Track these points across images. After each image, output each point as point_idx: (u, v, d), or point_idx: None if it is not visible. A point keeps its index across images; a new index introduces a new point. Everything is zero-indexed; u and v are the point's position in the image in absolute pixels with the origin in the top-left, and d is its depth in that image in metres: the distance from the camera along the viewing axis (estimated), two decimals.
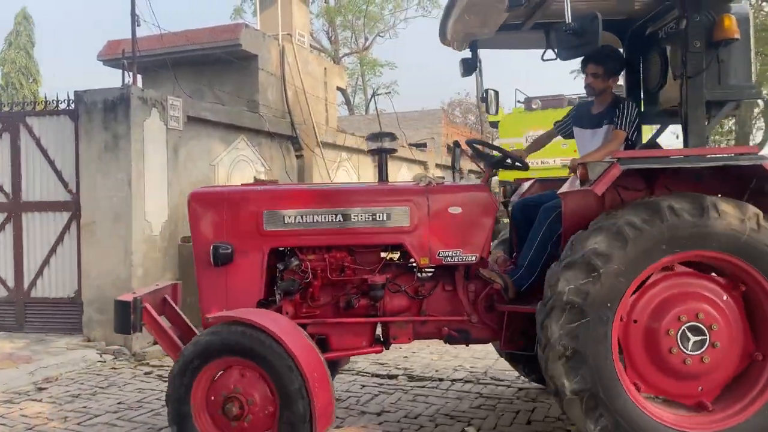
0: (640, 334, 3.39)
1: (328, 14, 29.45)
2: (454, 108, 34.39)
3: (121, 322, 3.72)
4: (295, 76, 10.17)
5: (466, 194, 4.01)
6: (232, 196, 3.98)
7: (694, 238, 3.27)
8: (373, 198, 3.94)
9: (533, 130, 13.82)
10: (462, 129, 23.88)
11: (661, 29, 4.29)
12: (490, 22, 4.24)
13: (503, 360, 6.02)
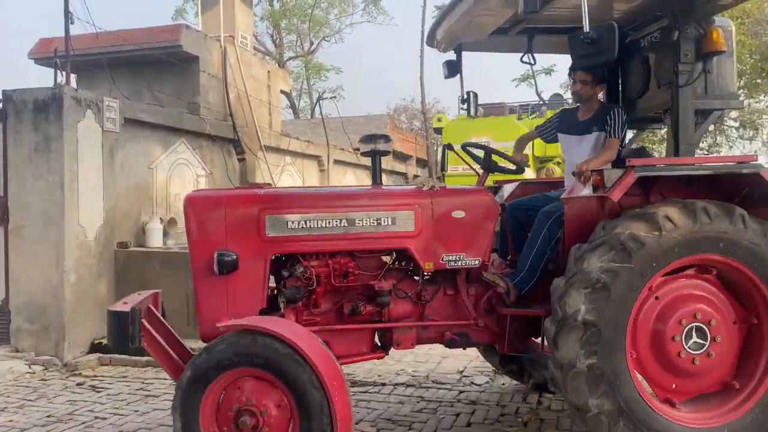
0: (648, 338, 3.49)
1: (272, 17, 29.18)
2: (400, 113, 34.63)
3: (118, 334, 3.49)
4: (238, 78, 10.02)
5: (469, 198, 3.97)
6: (232, 199, 3.74)
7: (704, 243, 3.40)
8: (378, 202, 3.87)
9: (476, 136, 14.06)
10: (407, 135, 24.07)
11: (644, 38, 4.43)
12: (486, 26, 4.39)
13: (445, 363, 6.12)
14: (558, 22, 4.45)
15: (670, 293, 3.54)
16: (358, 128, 20.01)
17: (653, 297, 3.52)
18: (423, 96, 21.43)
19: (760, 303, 3.55)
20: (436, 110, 31.41)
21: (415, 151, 23.00)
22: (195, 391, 3.11)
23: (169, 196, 8.30)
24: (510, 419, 4.53)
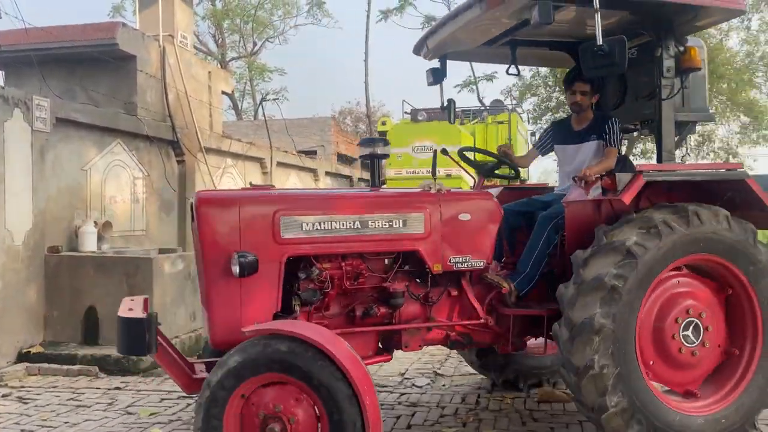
0: (650, 335, 3.71)
1: (214, 17, 28.68)
2: (345, 116, 34.63)
3: (132, 342, 3.33)
4: (177, 78, 9.79)
5: (474, 201, 4.07)
6: (246, 200, 3.61)
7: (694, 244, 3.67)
8: (390, 204, 3.88)
9: (419, 140, 14.25)
10: (352, 138, 24.07)
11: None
12: (480, 37, 4.51)
13: (387, 366, 6.13)
14: (541, 36, 4.67)
15: (662, 293, 3.78)
16: (302, 130, 19.91)
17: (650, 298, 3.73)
18: (368, 99, 21.58)
19: (741, 293, 3.86)
20: (381, 113, 31.61)
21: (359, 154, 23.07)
22: (220, 397, 3.00)
23: (104, 199, 8.03)
24: (449, 420, 4.59)
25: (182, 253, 7.86)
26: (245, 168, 12.51)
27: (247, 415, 3.05)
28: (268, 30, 30.69)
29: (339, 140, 21.01)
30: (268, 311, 3.53)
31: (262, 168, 13.41)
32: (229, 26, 29.78)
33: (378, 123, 17.23)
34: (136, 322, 3.31)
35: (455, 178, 14.06)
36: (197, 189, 10.19)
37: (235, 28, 29.81)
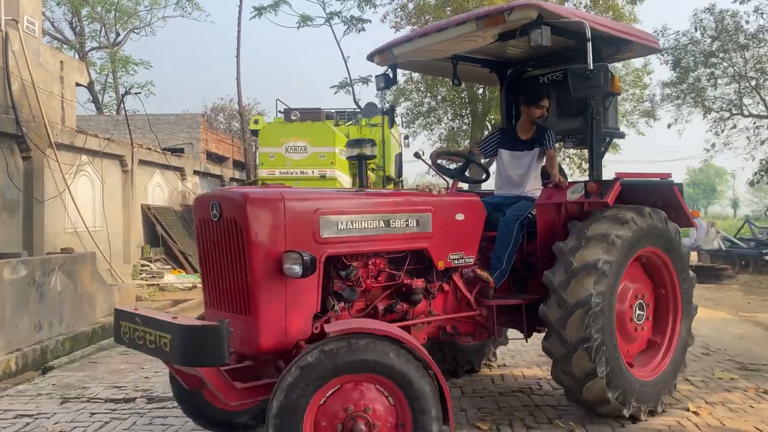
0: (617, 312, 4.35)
1: (72, 3, 26.60)
2: (218, 113, 33.50)
3: (206, 351, 3.02)
4: (23, 67, 8.96)
5: (466, 202, 4.40)
6: (291, 198, 3.51)
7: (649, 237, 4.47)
8: (406, 204, 4.06)
9: (293, 140, 14.07)
10: (224, 136, 23.30)
11: (542, 76, 5.42)
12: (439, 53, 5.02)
13: None
14: (480, 53, 5.31)
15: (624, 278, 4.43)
16: (169, 127, 19.00)
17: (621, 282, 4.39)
18: (240, 96, 20.93)
19: (667, 279, 4.76)
20: (256, 111, 30.90)
21: (231, 152, 22.37)
22: (299, 397, 2.94)
23: None
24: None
25: (26, 258, 7.19)
26: (103, 166, 11.72)
27: (326, 414, 3.04)
28: (133, 20, 28.96)
29: (209, 138, 20.26)
30: (310, 312, 3.52)
31: (122, 166, 12.63)
32: (89, 14, 27.74)
33: (250, 121, 16.80)
34: (212, 329, 3.04)
35: (330, 179, 14.09)
36: (46, 188, 9.39)
37: (96, 16, 27.83)
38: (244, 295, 3.40)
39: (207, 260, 3.65)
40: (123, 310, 3.53)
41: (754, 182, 17.15)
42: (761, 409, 4.69)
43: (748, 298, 11.72)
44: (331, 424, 3.03)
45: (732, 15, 20.38)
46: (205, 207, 3.58)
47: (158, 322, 3.20)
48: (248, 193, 3.43)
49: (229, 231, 3.44)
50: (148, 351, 3.28)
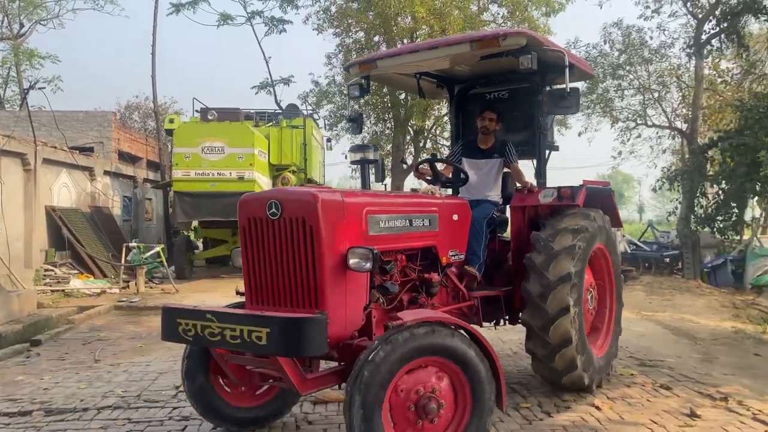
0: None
1: None
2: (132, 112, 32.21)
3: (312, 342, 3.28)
4: None
5: (459, 204, 4.89)
6: (350, 199, 3.83)
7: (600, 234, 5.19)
8: (422, 205, 4.50)
9: (209, 141, 13.70)
10: (137, 135, 22.41)
11: (489, 93, 6.06)
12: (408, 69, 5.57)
13: (161, 380, 5.79)
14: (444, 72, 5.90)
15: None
16: (77, 125, 18.11)
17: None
18: (155, 94, 20.10)
19: (606, 273, 5.54)
20: (173, 110, 29.91)
21: (146, 152, 21.54)
22: (383, 378, 3.21)
23: None
24: (222, 430, 4.42)
25: None
26: (2, 165, 11.00)
27: (400, 394, 3.32)
28: (39, 11, 27.37)
29: (121, 137, 19.42)
30: (362, 305, 3.79)
31: (23, 165, 11.91)
32: None
33: (165, 120, 16.23)
34: (315, 320, 3.31)
35: (248, 181, 13.80)
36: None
37: None
38: (312, 289, 3.60)
39: (258, 258, 3.77)
40: (181, 308, 3.69)
41: (657, 188, 18.15)
42: (657, 402, 4.97)
43: (650, 298, 12.41)
44: (404, 404, 3.34)
45: (638, 30, 21.60)
46: (260, 206, 3.72)
47: (246, 317, 3.42)
48: (317, 193, 3.66)
49: (293, 229, 3.63)
50: (225, 346, 3.49)
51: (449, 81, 6.19)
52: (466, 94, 6.21)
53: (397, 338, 3.28)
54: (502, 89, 6.02)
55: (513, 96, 5.93)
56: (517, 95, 5.89)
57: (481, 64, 5.38)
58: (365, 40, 22.55)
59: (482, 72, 5.78)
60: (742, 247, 16.24)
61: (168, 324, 3.68)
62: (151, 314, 9.74)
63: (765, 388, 5.53)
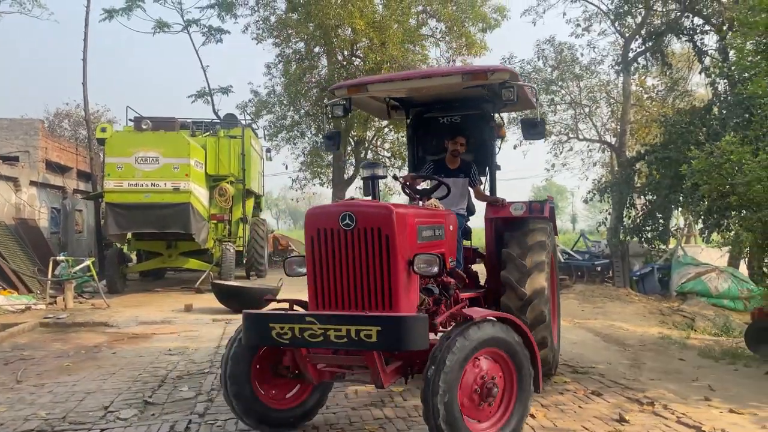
0: None
1: None
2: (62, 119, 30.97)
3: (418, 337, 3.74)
4: None
5: (453, 216, 5.40)
6: (407, 210, 4.41)
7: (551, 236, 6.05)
8: (437, 216, 4.96)
9: (144, 150, 13.31)
10: (67, 144, 21.55)
11: (442, 117, 6.61)
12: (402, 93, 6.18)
13: (89, 400, 5.55)
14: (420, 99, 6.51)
15: None
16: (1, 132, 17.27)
17: None
18: (86, 102, 19.40)
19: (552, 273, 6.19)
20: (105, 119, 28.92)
21: (76, 162, 20.73)
22: (459, 366, 3.75)
23: None
24: None
25: None
26: None
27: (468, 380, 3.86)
28: None
29: (49, 146, 18.62)
30: (416, 304, 4.26)
31: None
32: None
33: (97, 129, 15.67)
34: (420, 319, 3.82)
35: (184, 192, 13.47)
36: None
37: None
38: (387, 292, 4.04)
39: (328, 265, 4.12)
40: (273, 313, 4.11)
41: (588, 200, 18.83)
42: (588, 409, 5.12)
43: (583, 306, 12.82)
44: (471, 389, 3.88)
45: (569, 47, 22.42)
46: (332, 218, 4.11)
47: (353, 318, 3.84)
48: (391, 206, 4.17)
49: (368, 238, 4.05)
50: (328, 345, 3.87)
51: (407, 104, 6.69)
52: (420, 116, 6.74)
53: (468, 331, 3.85)
54: (455, 114, 6.58)
55: (464, 121, 6.52)
56: (468, 120, 6.49)
57: (440, 91, 6.03)
58: (305, 51, 22.51)
59: (439, 98, 6.40)
60: (668, 256, 17.02)
61: (255, 328, 4.08)
62: (81, 331, 9.34)
63: (689, 392, 5.79)
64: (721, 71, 15.24)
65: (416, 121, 6.76)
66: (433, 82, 5.62)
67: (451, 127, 6.49)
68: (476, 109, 6.42)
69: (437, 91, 6.05)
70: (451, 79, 5.55)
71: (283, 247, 24.39)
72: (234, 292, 11.11)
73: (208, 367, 6.77)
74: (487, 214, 6.09)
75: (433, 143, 6.61)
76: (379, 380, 4.00)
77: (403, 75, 5.96)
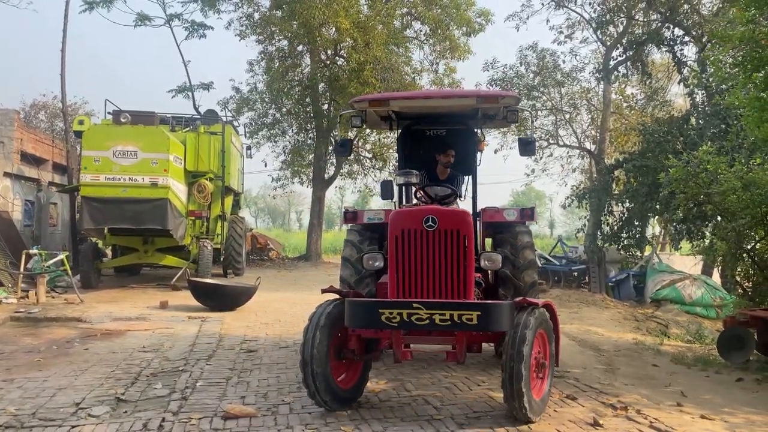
0: None
1: None
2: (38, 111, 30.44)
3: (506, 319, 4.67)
4: None
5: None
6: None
7: None
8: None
9: (122, 144, 13.11)
10: (43, 136, 21.15)
11: (429, 130, 7.09)
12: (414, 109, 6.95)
13: (59, 396, 5.45)
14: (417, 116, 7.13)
15: None
16: None
17: None
18: (64, 93, 19.06)
19: None
20: (83, 111, 28.46)
21: (52, 154, 20.38)
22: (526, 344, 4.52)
23: None
24: None
25: None
26: None
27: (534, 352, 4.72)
28: None
29: (24, 137, 18.26)
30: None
31: None
32: None
33: (74, 121, 15.40)
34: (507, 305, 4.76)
35: (162, 187, 13.30)
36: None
37: None
38: (462, 283, 4.90)
39: (410, 259, 4.94)
40: (383, 301, 5.04)
41: (566, 205, 19.00)
42: (563, 413, 5.16)
43: (559, 310, 12.71)
44: (532, 361, 4.62)
45: (551, 54, 22.61)
46: (416, 219, 4.96)
47: (455, 304, 4.72)
48: (467, 211, 5.28)
49: (447, 238, 4.92)
50: (433, 327, 4.63)
51: (399, 117, 7.16)
52: (409, 128, 7.25)
53: (535, 313, 4.75)
54: (441, 128, 7.11)
55: (449, 134, 7.07)
56: (453, 134, 7.05)
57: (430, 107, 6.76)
58: (289, 49, 22.41)
59: (428, 113, 6.98)
60: (643, 262, 17.24)
61: (364, 314, 4.76)
62: (53, 326, 9.17)
63: (662, 397, 5.86)
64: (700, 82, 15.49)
65: (406, 133, 7.25)
66: (451, 102, 6.60)
67: (437, 140, 6.99)
68: (461, 124, 7.06)
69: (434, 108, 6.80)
70: (467, 101, 6.44)
71: (261, 245, 24.23)
72: (211, 290, 10.99)
73: (182, 364, 6.69)
74: (483, 217, 6.73)
75: (420, 153, 7.08)
76: (463, 357, 4.92)
77: (423, 93, 7.41)
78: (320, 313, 4.96)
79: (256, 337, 8.32)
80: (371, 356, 5.29)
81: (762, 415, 5.48)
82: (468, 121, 7.02)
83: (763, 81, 7.55)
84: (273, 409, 5.14)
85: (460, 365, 5.97)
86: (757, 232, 9.64)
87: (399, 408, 5.19)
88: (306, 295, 12.74)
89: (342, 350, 5.10)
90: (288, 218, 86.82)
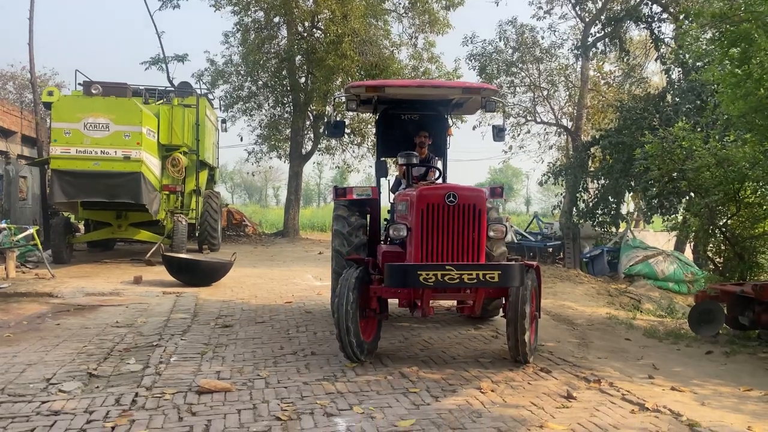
0: None
1: None
2: (6, 82, 29.63)
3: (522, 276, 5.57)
4: None
5: None
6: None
7: None
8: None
9: (93, 116, 12.79)
10: (11, 107, 20.60)
11: (404, 115, 7.74)
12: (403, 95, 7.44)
13: (29, 372, 5.36)
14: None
15: None
16: None
17: None
18: (32, 64, 18.51)
19: None
20: (53, 83, 27.73)
21: (20, 126, 19.87)
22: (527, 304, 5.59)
23: None
24: (96, 426, 4.15)
25: None
26: None
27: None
28: None
29: None
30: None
31: None
32: None
33: (44, 93, 14.97)
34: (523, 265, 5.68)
35: (135, 160, 13.03)
36: None
37: None
38: (476, 248, 5.70)
39: (434, 229, 5.66)
40: (420, 264, 5.55)
41: (543, 182, 19.10)
42: (537, 385, 5.21)
43: None
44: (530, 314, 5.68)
45: (530, 29, 22.52)
46: (439, 196, 5.69)
47: (480, 266, 5.56)
48: (482, 189, 6.17)
49: (465, 211, 5.69)
50: (462, 285, 5.40)
51: (379, 102, 7.71)
52: (386, 112, 7.86)
53: (533, 273, 5.85)
54: (414, 113, 7.75)
55: (422, 119, 7.75)
56: (425, 119, 7.74)
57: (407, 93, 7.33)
58: (265, 20, 21.98)
59: (404, 98, 7.52)
60: (617, 239, 17.47)
61: (404, 275, 5.44)
62: (23, 301, 9.00)
63: (633, 371, 5.95)
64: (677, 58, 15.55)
65: (381, 119, 7.90)
66: (440, 91, 7.48)
67: (411, 123, 7.71)
68: (433, 110, 7.79)
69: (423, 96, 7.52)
70: (454, 91, 7.33)
71: (237, 221, 24.01)
72: (185, 265, 10.87)
73: (156, 339, 6.61)
74: None
75: (396, 134, 7.71)
76: (479, 310, 5.97)
77: (418, 83, 8.20)
78: (349, 276, 5.66)
79: (231, 313, 8.26)
80: (383, 315, 6.12)
81: (730, 386, 5.61)
82: (439, 108, 7.82)
83: (739, 57, 7.58)
84: (248, 384, 5.11)
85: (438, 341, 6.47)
86: (729, 209, 9.80)
87: (375, 381, 5.20)
88: (283, 270, 12.67)
89: (365, 309, 5.85)
90: (265, 194, 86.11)
